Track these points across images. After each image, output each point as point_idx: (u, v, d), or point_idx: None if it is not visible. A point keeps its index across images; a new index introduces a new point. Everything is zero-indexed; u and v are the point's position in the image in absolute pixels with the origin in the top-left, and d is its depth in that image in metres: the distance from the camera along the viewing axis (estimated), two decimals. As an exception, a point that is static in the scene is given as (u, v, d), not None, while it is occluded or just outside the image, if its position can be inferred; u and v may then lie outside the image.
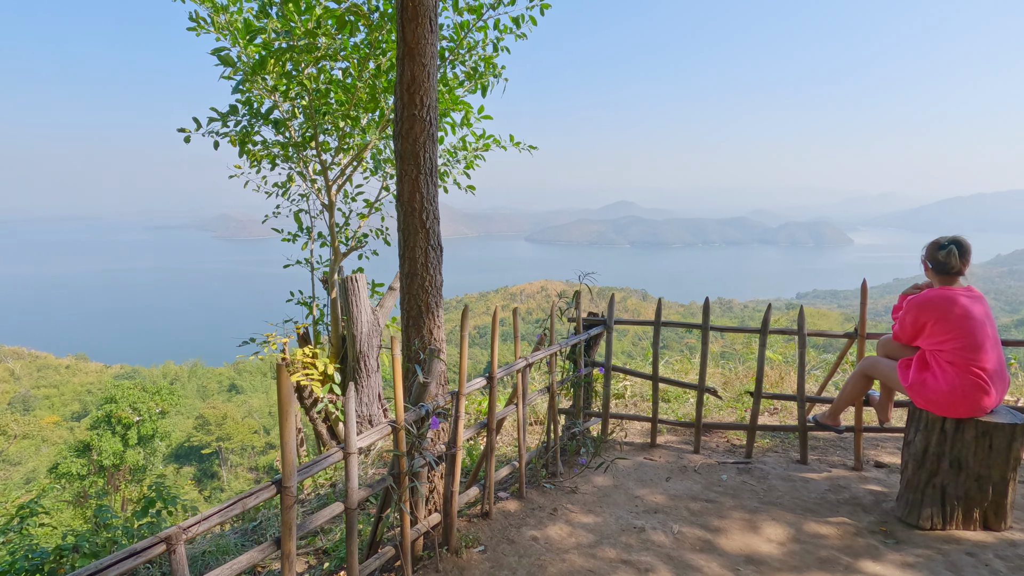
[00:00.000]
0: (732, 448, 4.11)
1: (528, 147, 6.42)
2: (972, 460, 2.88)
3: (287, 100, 5.45)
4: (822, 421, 3.66)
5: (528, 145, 6.42)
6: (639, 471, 3.65)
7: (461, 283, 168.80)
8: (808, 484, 3.46)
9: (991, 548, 2.75)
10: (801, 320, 3.72)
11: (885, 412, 3.50)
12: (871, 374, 3.35)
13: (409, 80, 2.41)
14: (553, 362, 3.41)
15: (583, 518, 3.08)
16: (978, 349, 2.83)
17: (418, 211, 2.53)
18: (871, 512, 3.14)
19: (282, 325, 6.13)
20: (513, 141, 6.22)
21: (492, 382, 2.82)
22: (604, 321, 4.00)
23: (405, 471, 2.26)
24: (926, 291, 3.01)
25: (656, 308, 3.98)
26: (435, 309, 2.63)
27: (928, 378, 2.94)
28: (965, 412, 2.85)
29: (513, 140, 6.22)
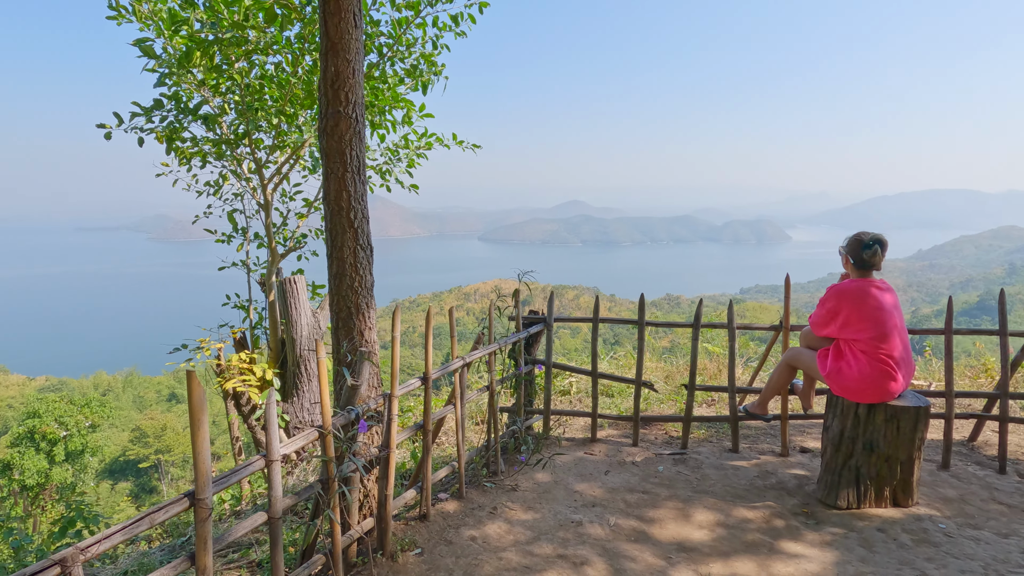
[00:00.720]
0: (670, 440, 4.23)
1: (472, 146, 6.40)
2: (883, 442, 3.07)
3: (217, 95, 5.23)
4: (751, 411, 3.81)
5: (471, 144, 6.40)
6: (579, 466, 3.70)
7: (415, 283, 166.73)
8: (738, 471, 3.60)
9: (899, 523, 2.94)
10: (730, 315, 3.86)
11: (808, 400, 3.69)
12: (794, 364, 3.52)
13: (333, 76, 2.35)
14: (492, 361, 3.41)
15: (522, 515, 3.10)
16: (886, 338, 3.02)
17: (345, 210, 2.47)
18: (795, 495, 3.30)
19: (217, 330, 5.88)
20: (456, 140, 6.19)
21: (427, 383, 2.79)
22: (544, 319, 4.03)
23: (333, 476, 2.20)
24: (846, 281, 3.19)
25: (594, 305, 4.05)
26: (366, 310, 2.58)
27: (843, 366, 3.11)
28: (875, 397, 3.04)
29: (456, 139, 6.19)
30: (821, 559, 2.67)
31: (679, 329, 8.34)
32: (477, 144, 6.48)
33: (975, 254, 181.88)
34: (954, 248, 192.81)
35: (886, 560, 2.64)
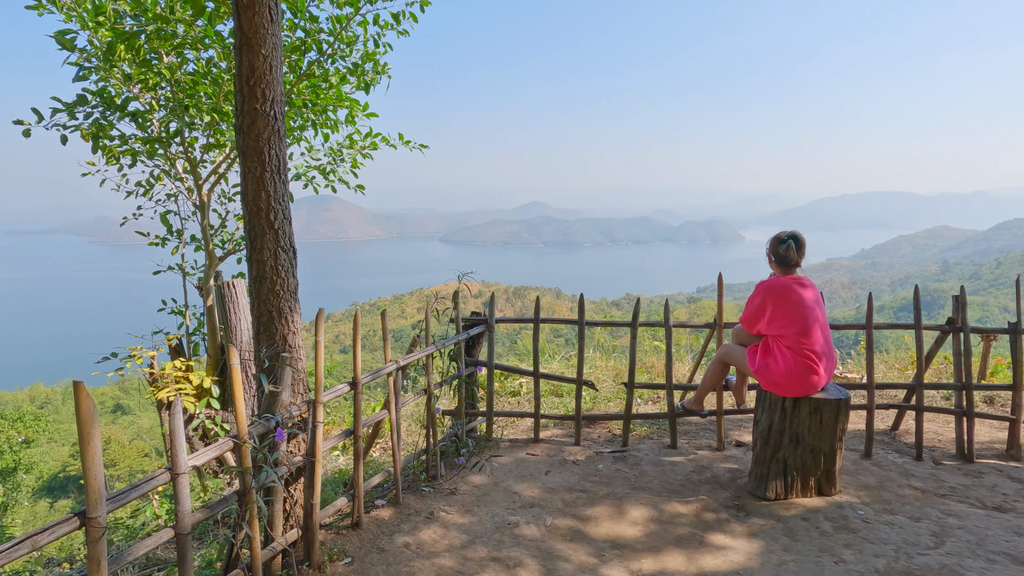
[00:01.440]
0: (613, 438, 4.28)
1: (419, 146, 6.33)
2: (807, 434, 3.19)
3: (147, 91, 5.00)
4: (688, 407, 3.90)
5: (419, 144, 6.34)
6: (520, 467, 3.70)
7: (375, 285, 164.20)
8: (675, 467, 3.67)
9: (822, 512, 3.06)
10: (666, 314, 3.94)
11: (741, 395, 3.79)
12: (727, 361, 3.62)
13: (248, 72, 2.26)
14: (429, 364, 3.37)
15: (459, 519, 3.07)
16: (808, 333, 3.14)
17: (264, 211, 2.39)
18: (727, 488, 3.39)
19: (151, 337, 5.61)
20: (403, 140, 6.11)
21: (356, 388, 2.73)
22: (486, 320, 4.01)
23: (249, 487, 2.12)
24: (771, 278, 3.30)
25: (535, 306, 4.06)
26: (289, 314, 2.50)
27: (770, 362, 3.21)
28: (800, 391, 3.15)
29: (403, 138, 6.11)
30: (747, 550, 2.74)
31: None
32: (424, 144, 6.41)
33: (912, 252, 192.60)
34: (893, 247, 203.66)
35: (807, 548, 2.74)
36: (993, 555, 2.61)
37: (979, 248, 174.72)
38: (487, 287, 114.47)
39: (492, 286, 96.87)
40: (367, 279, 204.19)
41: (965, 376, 3.67)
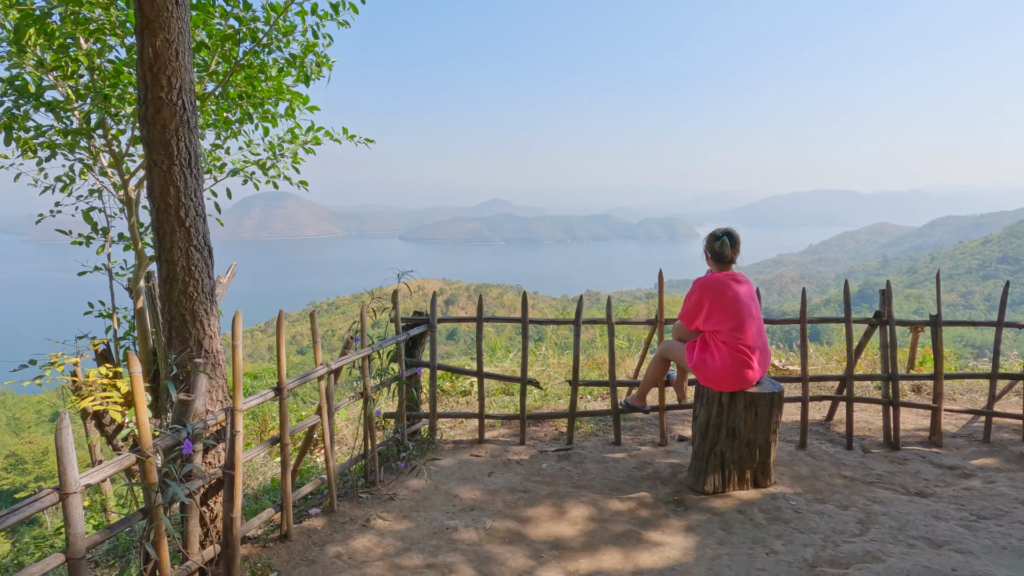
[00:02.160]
0: (558, 436, 4.26)
1: (364, 140, 6.16)
2: (743, 428, 3.24)
3: (65, 79, 4.66)
4: (631, 403, 3.92)
5: (364, 138, 6.17)
6: (463, 469, 3.63)
7: (333, 285, 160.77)
8: (618, 464, 3.68)
9: (756, 504, 3.11)
10: (609, 310, 3.94)
11: (682, 390, 3.84)
12: (667, 357, 3.64)
13: (151, 58, 2.11)
14: (366, 366, 3.26)
15: (396, 525, 2.97)
16: (743, 328, 3.18)
17: (174, 207, 2.23)
18: (668, 484, 3.41)
19: (75, 342, 5.27)
20: (347, 134, 5.93)
21: (281, 393, 2.60)
22: (428, 320, 3.92)
23: (155, 504, 1.98)
24: (707, 274, 3.33)
25: (478, 305, 4.00)
26: (204, 317, 2.35)
27: (707, 358, 3.25)
28: (736, 386, 3.20)
29: (347, 132, 5.93)
30: (683, 545, 2.76)
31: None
32: (370, 139, 6.25)
33: (855, 248, 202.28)
34: (838, 243, 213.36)
35: (741, 541, 2.78)
36: (913, 539, 2.70)
37: (915, 243, 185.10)
38: (448, 285, 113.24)
39: (453, 284, 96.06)
40: (325, 278, 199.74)
41: (892, 367, 3.81)
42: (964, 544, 2.63)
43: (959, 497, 3.16)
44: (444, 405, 5.26)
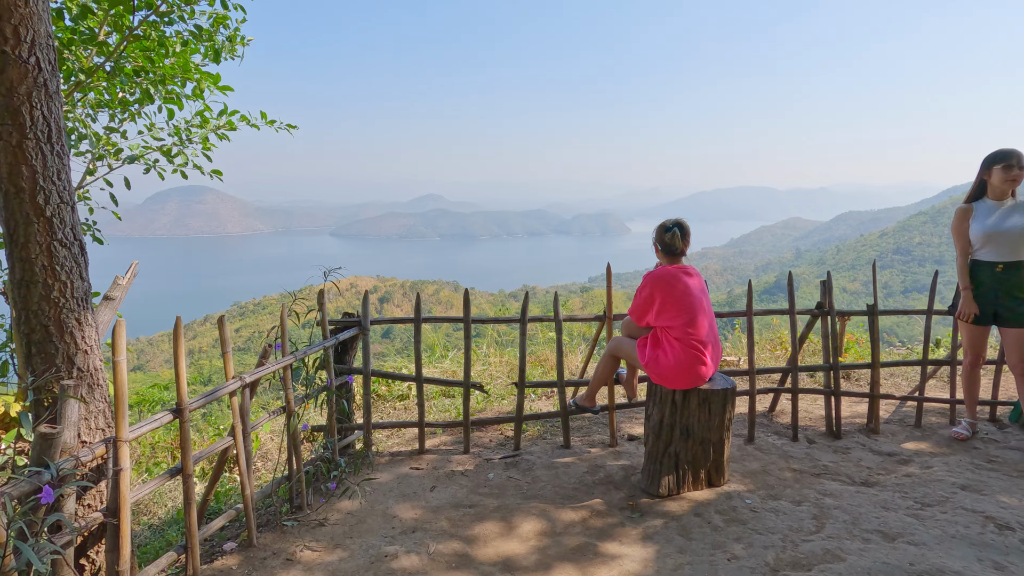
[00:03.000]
0: (505, 441, 4.02)
1: (287, 126, 5.63)
2: (697, 426, 3.12)
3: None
4: (581, 404, 3.73)
5: (286, 124, 5.63)
6: (402, 484, 3.31)
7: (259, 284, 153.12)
8: (569, 469, 3.49)
9: (712, 504, 3.00)
10: (556, 308, 3.74)
11: (632, 388, 3.69)
12: (617, 354, 3.48)
13: (-11, 1, 1.65)
14: (288, 376, 2.87)
15: (327, 556, 2.62)
16: (695, 323, 3.06)
17: (28, 191, 1.78)
18: (621, 488, 3.25)
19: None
20: (267, 119, 5.39)
21: (182, 416, 2.19)
22: (359, 322, 3.56)
23: (6, 570, 1.55)
24: (658, 268, 3.19)
25: (415, 305, 3.67)
26: (76, 328, 1.91)
27: (659, 355, 3.10)
28: (689, 383, 3.07)
29: (266, 117, 5.38)
30: (642, 556, 2.59)
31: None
32: (292, 124, 5.73)
33: (771, 241, 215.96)
34: (756, 236, 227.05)
35: (701, 547, 2.64)
36: (867, 534, 2.67)
37: (823, 236, 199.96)
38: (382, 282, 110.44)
39: (388, 281, 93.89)
40: (250, 276, 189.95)
41: (833, 357, 3.84)
42: (916, 535, 2.62)
43: (901, 485, 3.20)
44: (380, 412, 4.89)
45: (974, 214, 3.64)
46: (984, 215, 3.59)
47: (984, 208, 3.61)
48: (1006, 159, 3.49)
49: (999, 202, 3.56)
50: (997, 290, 3.56)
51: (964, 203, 3.70)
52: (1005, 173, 3.49)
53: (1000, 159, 3.51)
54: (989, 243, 3.56)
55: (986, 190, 3.62)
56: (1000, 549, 2.50)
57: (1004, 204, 3.54)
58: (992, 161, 3.54)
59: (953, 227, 3.73)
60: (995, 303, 3.58)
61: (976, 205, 3.65)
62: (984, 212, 3.60)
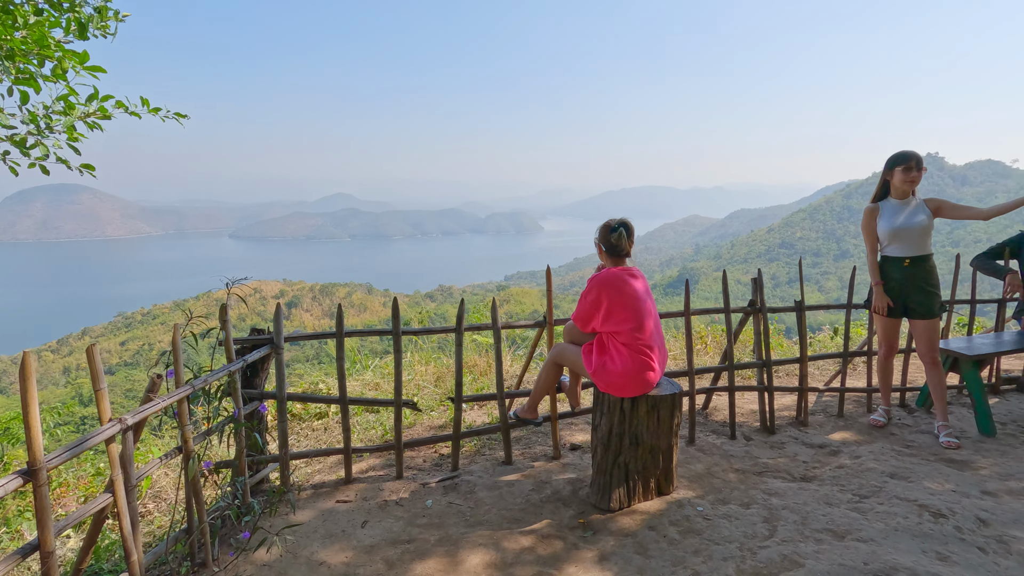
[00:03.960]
0: (440, 460, 3.71)
1: (175, 115, 4.93)
2: (646, 434, 3.00)
3: None
4: (522, 416, 3.52)
5: (174, 113, 4.93)
6: (328, 522, 2.91)
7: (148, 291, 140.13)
8: (513, 488, 3.25)
9: (666, 515, 2.89)
10: (494, 315, 3.49)
11: (576, 397, 3.53)
12: (560, 362, 3.30)
13: None
14: (184, 410, 2.39)
15: (240, 624, 2.20)
16: (643, 328, 2.93)
17: None
18: (570, 504, 3.06)
19: None
20: (149, 106, 4.67)
21: (36, 479, 1.69)
22: (271, 339, 3.10)
23: None
24: (604, 270, 3.03)
25: (337, 317, 3.27)
26: None
27: (607, 361, 2.95)
28: (638, 390, 2.94)
29: (147, 104, 4.67)
30: (603, 583, 2.40)
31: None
32: (182, 113, 5.03)
33: (674, 238, 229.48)
34: (660, 233, 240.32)
35: (661, 564, 2.50)
36: (818, 534, 2.66)
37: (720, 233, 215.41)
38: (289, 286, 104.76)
39: (295, 285, 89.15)
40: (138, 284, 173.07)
41: (765, 354, 3.90)
42: (863, 531, 2.64)
43: (837, 477, 3.27)
44: (296, 434, 4.40)
45: (880, 213, 3.82)
46: (890, 214, 3.78)
47: (889, 207, 3.80)
48: (906, 161, 3.69)
49: (902, 201, 3.76)
50: (906, 284, 3.76)
51: (871, 203, 3.89)
52: (905, 175, 3.69)
53: (901, 161, 3.70)
54: (896, 240, 3.75)
55: (890, 190, 3.82)
56: (939, 539, 2.57)
57: (907, 203, 3.75)
58: (894, 163, 3.73)
59: (863, 226, 3.90)
60: (905, 296, 3.79)
61: (882, 204, 3.84)
62: (890, 211, 3.78)
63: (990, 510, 2.81)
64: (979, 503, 2.88)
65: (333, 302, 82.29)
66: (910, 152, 3.68)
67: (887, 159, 3.75)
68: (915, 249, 3.72)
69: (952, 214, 3.66)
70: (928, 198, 3.69)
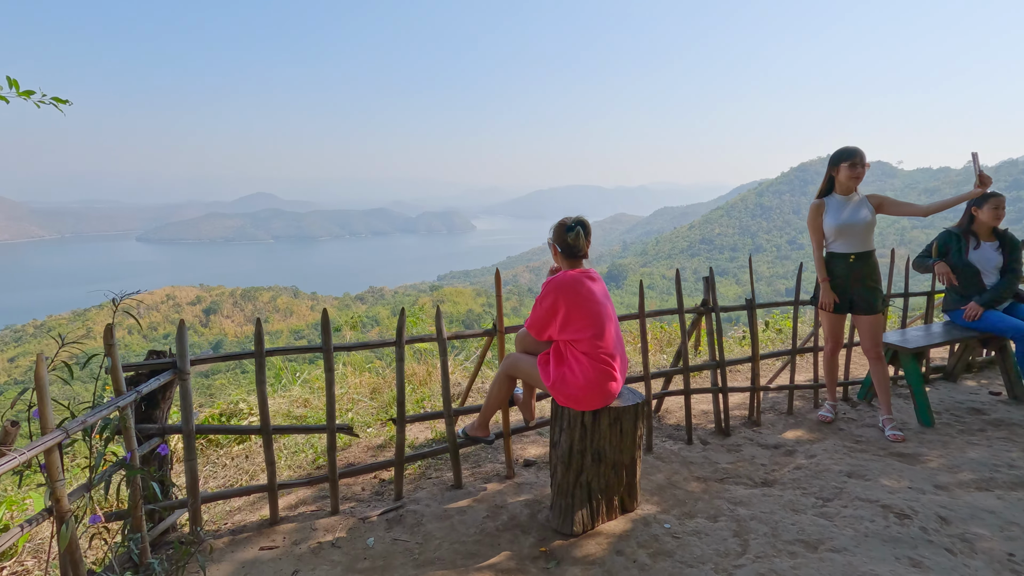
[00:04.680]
0: (381, 487, 3.33)
1: (53, 100, 4.20)
2: (609, 449, 2.78)
3: None
4: (472, 434, 3.21)
5: (52, 98, 4.21)
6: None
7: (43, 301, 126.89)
8: (466, 516, 2.93)
9: (633, 537, 2.68)
10: (439, 323, 3.15)
11: (530, 410, 3.26)
12: (514, 374, 3.02)
13: None
14: (53, 461, 1.90)
15: None
16: (604, 334, 2.71)
17: None
18: (529, 531, 2.78)
19: None
20: (18, 88, 3.94)
21: None
22: (173, 363, 2.61)
23: None
24: (561, 273, 2.77)
25: (255, 332, 2.81)
26: None
27: (566, 373, 2.70)
28: (600, 402, 2.71)
29: (19, 87, 3.94)
30: (574, 625, 2.14)
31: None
32: (62, 98, 4.31)
33: (602, 235, 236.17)
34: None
35: (635, 596, 2.28)
36: (791, 546, 2.54)
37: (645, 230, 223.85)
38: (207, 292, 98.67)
39: (214, 290, 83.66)
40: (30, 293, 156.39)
41: (720, 354, 3.80)
42: (835, 540, 2.54)
43: (797, 480, 3.20)
44: (214, 464, 3.85)
45: (826, 209, 3.82)
46: (835, 210, 3.78)
47: (834, 203, 3.80)
48: (851, 157, 3.70)
49: (847, 197, 3.77)
50: (850, 280, 3.78)
51: (816, 199, 3.88)
52: (851, 170, 3.69)
53: (846, 157, 3.71)
54: (841, 236, 3.76)
55: (834, 186, 3.82)
56: (908, 543, 2.51)
57: (851, 199, 3.76)
58: (838, 159, 3.74)
59: (808, 222, 3.89)
60: (850, 292, 3.81)
61: (827, 200, 3.84)
62: (835, 207, 3.79)
63: (948, 506, 2.81)
64: (936, 499, 2.88)
65: (256, 307, 77.97)
66: (854, 148, 3.69)
67: (832, 155, 3.75)
68: (860, 245, 3.74)
69: (893, 210, 3.70)
70: (870, 194, 3.71)
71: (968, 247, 4.18)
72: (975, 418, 4.00)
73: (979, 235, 4.17)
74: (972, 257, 4.16)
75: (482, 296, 76.34)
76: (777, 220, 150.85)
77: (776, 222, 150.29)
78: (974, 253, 4.15)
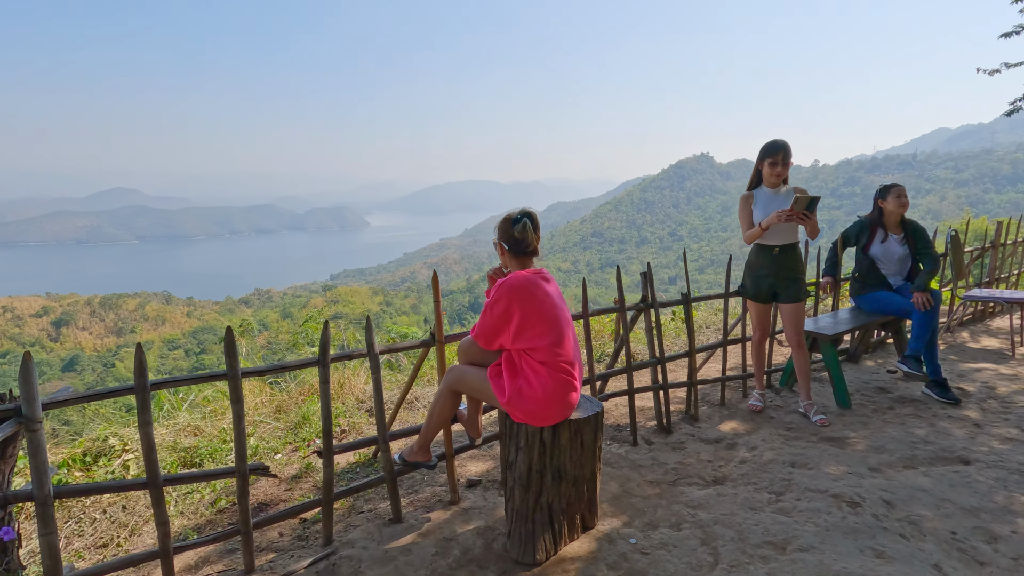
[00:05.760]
0: (305, 529, 2.84)
1: None
2: (570, 465, 2.54)
3: None
4: (411, 459, 2.84)
5: None
6: (143, 677, 1.93)
7: None
8: (412, 556, 2.55)
9: (600, 559, 2.46)
10: (369, 335, 2.72)
11: (476, 427, 2.94)
12: (459, 389, 2.68)
13: None
14: None
15: None
16: (563, 341, 2.46)
17: None
18: (487, 565, 2.47)
19: None
20: None
21: None
22: (17, 409, 1.97)
23: None
24: (514, 273, 2.47)
25: (135, 363, 2.21)
26: None
27: (523, 386, 2.41)
28: (560, 416, 2.46)
29: None
30: None
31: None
32: None
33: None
34: (487, 226, 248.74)
35: (617, 631, 2.06)
36: (760, 549, 2.46)
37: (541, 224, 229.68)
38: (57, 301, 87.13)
39: (65, 299, 73.26)
40: None
41: (660, 351, 3.72)
42: (800, 538, 2.51)
43: (745, 475, 3.18)
44: (81, 522, 3.09)
45: (755, 201, 3.88)
46: (763, 203, 3.84)
47: (762, 196, 3.86)
48: (773, 154, 3.76)
49: (774, 190, 3.85)
50: (775, 271, 3.87)
51: (746, 191, 3.93)
52: (771, 169, 3.76)
53: (768, 153, 3.77)
54: (768, 228, 3.83)
55: (762, 179, 3.89)
56: (867, 532, 2.53)
57: (779, 191, 3.84)
58: (763, 154, 3.79)
59: (739, 213, 3.94)
60: (775, 283, 3.90)
61: (756, 193, 3.90)
62: (763, 200, 3.85)
63: (887, 488, 2.91)
64: (876, 483, 2.98)
65: (120, 316, 69.44)
66: (779, 144, 3.74)
67: (760, 148, 3.79)
68: (785, 238, 3.83)
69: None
70: (797, 187, 3.81)
71: (874, 239, 4.46)
72: (883, 397, 4.30)
73: (888, 226, 4.46)
74: (877, 250, 4.45)
75: (379, 295, 73.80)
76: (659, 214, 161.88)
77: (659, 215, 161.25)
78: (880, 246, 4.45)
